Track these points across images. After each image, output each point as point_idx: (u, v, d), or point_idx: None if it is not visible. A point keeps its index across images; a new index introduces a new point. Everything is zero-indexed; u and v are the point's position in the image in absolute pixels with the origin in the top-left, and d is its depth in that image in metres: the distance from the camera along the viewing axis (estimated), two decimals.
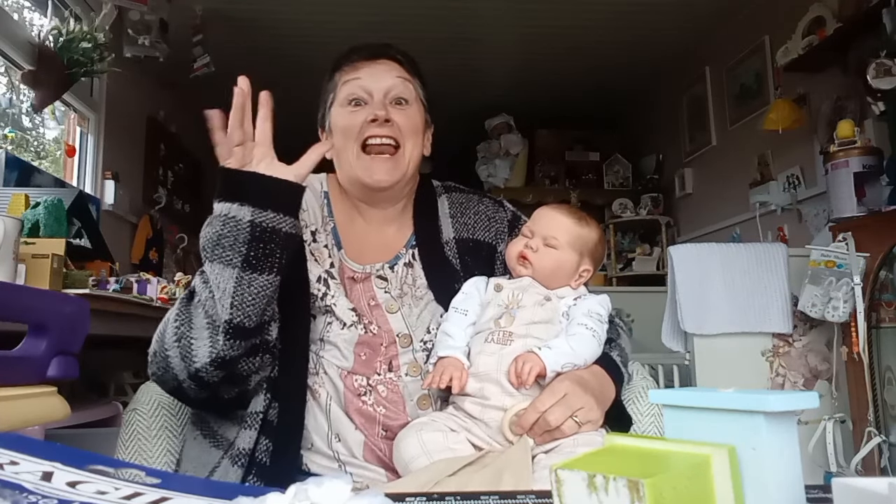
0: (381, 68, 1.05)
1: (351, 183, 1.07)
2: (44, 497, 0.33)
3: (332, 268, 1.03)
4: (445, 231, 1.10)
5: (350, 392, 0.96)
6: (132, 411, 1.00)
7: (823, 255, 2.27)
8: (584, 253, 1.03)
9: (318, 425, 0.96)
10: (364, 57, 1.06)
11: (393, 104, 1.04)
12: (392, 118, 1.02)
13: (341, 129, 1.04)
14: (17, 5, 3.12)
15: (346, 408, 0.95)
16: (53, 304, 0.61)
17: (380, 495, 0.36)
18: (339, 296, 1.00)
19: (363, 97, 1.04)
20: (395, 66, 1.06)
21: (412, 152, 1.05)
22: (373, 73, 1.05)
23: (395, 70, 1.06)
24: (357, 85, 1.04)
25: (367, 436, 0.94)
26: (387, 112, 1.01)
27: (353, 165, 1.03)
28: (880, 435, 2.14)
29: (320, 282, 1.01)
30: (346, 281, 1.03)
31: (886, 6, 2.62)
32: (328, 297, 1.00)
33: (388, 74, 1.05)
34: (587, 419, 0.88)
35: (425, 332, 1.01)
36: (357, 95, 1.04)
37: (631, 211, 5.09)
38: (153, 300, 2.41)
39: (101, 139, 3.66)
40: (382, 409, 0.95)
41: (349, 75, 1.05)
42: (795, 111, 3.30)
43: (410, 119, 1.05)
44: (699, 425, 0.42)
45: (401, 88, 1.05)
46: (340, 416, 0.95)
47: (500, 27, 4.19)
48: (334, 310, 0.99)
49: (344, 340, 0.98)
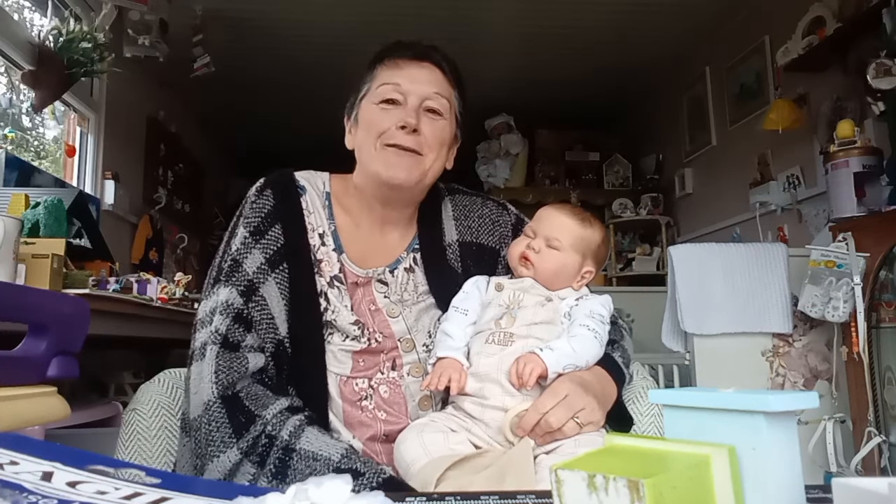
0: (423, 73, 1.02)
1: (368, 177, 1.03)
2: (44, 497, 0.33)
3: (341, 272, 1.01)
4: (448, 234, 1.09)
5: (348, 402, 0.95)
6: (132, 411, 1.00)
7: (823, 255, 2.27)
8: (587, 255, 1.02)
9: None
10: (408, 56, 1.03)
11: (425, 112, 1.01)
12: (420, 128, 0.99)
13: (368, 124, 1.01)
14: (17, 5, 3.12)
15: (346, 419, 0.95)
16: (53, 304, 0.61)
17: (380, 495, 0.36)
18: (341, 308, 0.98)
19: (397, 98, 1.00)
20: (438, 74, 1.03)
21: (433, 163, 1.02)
22: (413, 76, 1.01)
23: (437, 78, 1.03)
24: (394, 86, 1.01)
25: (366, 447, 0.94)
26: (417, 120, 0.99)
27: (373, 158, 1.00)
28: (880, 435, 2.14)
29: (321, 296, 0.98)
30: (349, 286, 1.01)
31: (886, 6, 2.62)
32: (328, 313, 0.98)
33: (429, 82, 1.02)
34: (588, 420, 0.88)
35: (427, 337, 1.01)
36: (392, 96, 1.01)
37: (631, 211, 5.09)
38: (153, 300, 2.41)
39: (101, 139, 3.66)
40: (383, 413, 0.95)
41: (388, 74, 1.02)
42: (795, 111, 3.30)
43: (439, 132, 1.01)
44: (699, 425, 0.42)
45: (437, 100, 1.02)
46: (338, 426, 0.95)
47: (500, 27, 4.19)
48: (335, 324, 0.97)
49: (342, 350, 0.97)
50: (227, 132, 5.91)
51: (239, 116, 5.57)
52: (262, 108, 5.37)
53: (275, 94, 5.06)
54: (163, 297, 2.53)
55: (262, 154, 6.25)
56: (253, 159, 6.36)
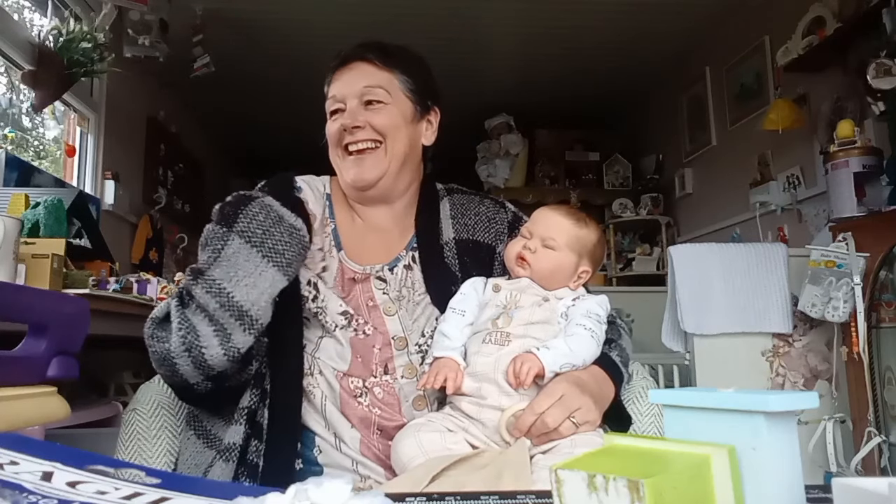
0: (351, 74, 1.07)
1: (344, 186, 1.10)
2: (44, 497, 0.33)
3: (325, 272, 1.03)
4: (445, 232, 1.11)
5: (346, 393, 0.97)
6: (132, 411, 1.00)
7: (823, 255, 2.27)
8: (583, 254, 1.02)
9: (315, 424, 0.97)
10: (338, 65, 1.09)
11: (366, 107, 1.05)
12: (364, 122, 1.03)
13: (328, 137, 1.09)
14: (17, 5, 3.12)
15: (343, 408, 0.96)
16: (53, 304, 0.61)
17: (380, 495, 0.36)
18: (330, 299, 1.00)
19: (340, 107, 1.06)
20: (366, 67, 1.07)
21: (395, 147, 1.05)
22: (345, 81, 1.07)
23: (366, 72, 1.06)
24: (333, 98, 1.07)
25: (363, 435, 0.95)
26: (354, 119, 1.03)
27: (339, 167, 1.08)
28: (880, 435, 2.14)
29: (310, 285, 1.01)
30: (346, 282, 1.03)
31: (886, 6, 2.62)
32: (318, 300, 1.00)
33: (357, 79, 1.06)
34: (585, 420, 0.88)
35: (420, 336, 1.01)
36: (335, 106, 1.07)
37: (631, 211, 5.09)
38: (153, 300, 2.41)
39: (101, 139, 3.66)
40: (378, 410, 0.96)
41: (331, 88, 1.09)
42: (795, 111, 3.30)
43: (388, 116, 1.05)
44: (699, 425, 0.42)
45: (372, 90, 1.05)
46: (336, 415, 0.96)
47: (501, 27, 4.19)
48: (324, 313, 0.99)
49: (337, 343, 0.99)
50: (227, 132, 5.91)
51: (239, 116, 5.57)
52: (261, 108, 5.37)
53: (275, 95, 5.06)
54: (163, 297, 2.53)
55: (262, 154, 6.26)
56: (253, 159, 6.36)
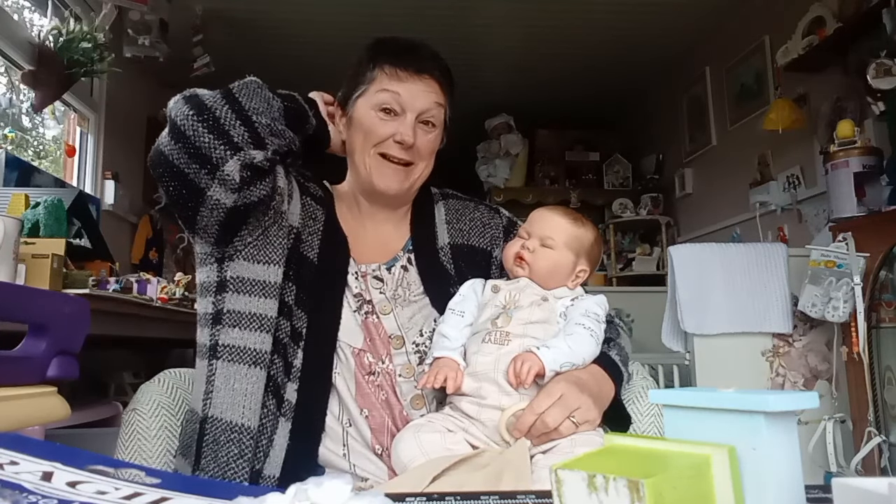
0: (422, 87, 1.03)
1: (360, 180, 1.08)
2: (44, 497, 0.33)
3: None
4: (441, 237, 1.11)
5: (361, 370, 0.98)
6: (132, 411, 1.00)
7: (823, 255, 2.27)
8: (581, 253, 1.03)
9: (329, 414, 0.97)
10: (410, 70, 1.03)
11: (420, 125, 1.04)
12: (416, 143, 1.03)
13: (365, 130, 1.04)
14: (17, 5, 3.12)
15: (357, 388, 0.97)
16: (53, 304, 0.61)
17: (380, 495, 0.36)
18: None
19: (396, 109, 1.02)
20: (435, 88, 1.05)
21: (423, 171, 1.07)
22: (412, 90, 1.03)
23: (434, 92, 1.05)
24: (394, 96, 1.02)
25: (372, 429, 0.95)
26: (413, 136, 1.02)
27: (367, 165, 1.04)
28: (880, 435, 2.13)
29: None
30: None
31: (886, 6, 2.62)
32: None
33: (427, 96, 1.04)
34: (584, 419, 0.88)
35: (417, 335, 1.02)
36: (391, 107, 1.03)
37: (631, 211, 5.09)
38: (153, 300, 2.41)
39: (101, 139, 3.66)
40: (385, 394, 0.97)
41: (389, 83, 1.03)
42: (795, 111, 3.30)
43: (431, 142, 1.06)
44: (699, 425, 0.42)
45: (433, 113, 1.05)
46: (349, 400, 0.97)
47: (500, 27, 4.19)
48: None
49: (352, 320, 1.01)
50: None
51: None
52: None
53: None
54: (163, 297, 2.53)
55: None
56: None
